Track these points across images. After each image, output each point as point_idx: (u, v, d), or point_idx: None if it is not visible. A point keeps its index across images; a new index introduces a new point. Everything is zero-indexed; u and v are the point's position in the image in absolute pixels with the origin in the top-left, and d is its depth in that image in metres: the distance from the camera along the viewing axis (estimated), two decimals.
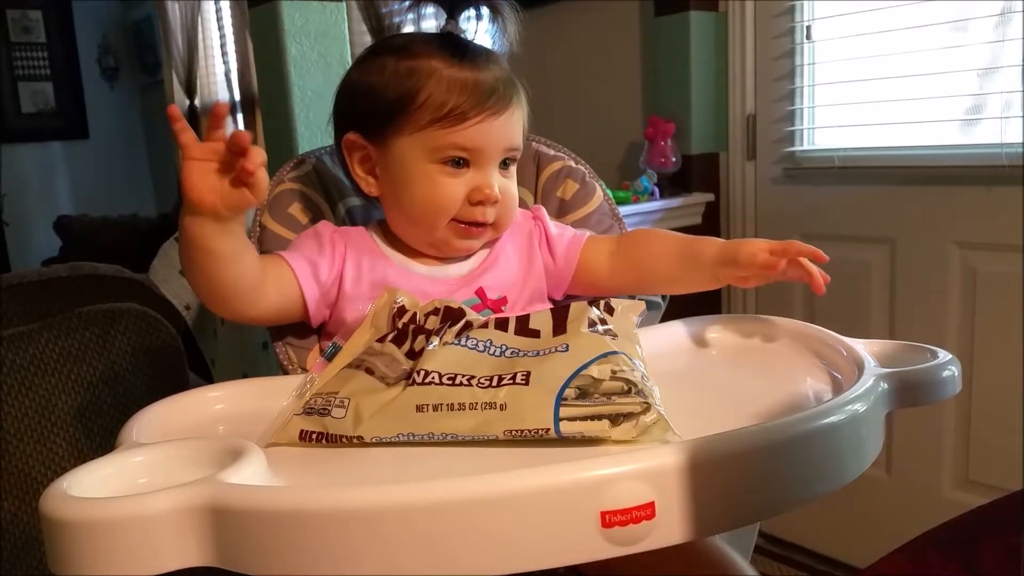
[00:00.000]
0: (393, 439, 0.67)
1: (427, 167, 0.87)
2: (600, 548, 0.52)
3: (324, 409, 0.70)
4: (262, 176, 0.73)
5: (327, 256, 0.90)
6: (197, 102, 4.33)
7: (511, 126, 0.90)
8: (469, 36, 0.93)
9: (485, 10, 0.93)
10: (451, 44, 0.90)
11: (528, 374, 0.67)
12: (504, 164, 0.91)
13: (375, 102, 0.89)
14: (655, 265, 0.94)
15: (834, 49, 1.95)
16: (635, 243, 0.98)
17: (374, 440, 0.67)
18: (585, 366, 0.66)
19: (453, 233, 0.90)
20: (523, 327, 0.75)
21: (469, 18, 0.94)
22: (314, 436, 0.69)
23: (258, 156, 0.71)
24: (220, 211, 0.74)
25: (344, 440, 0.68)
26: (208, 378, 1.45)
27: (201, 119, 4.33)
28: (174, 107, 0.74)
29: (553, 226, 1.00)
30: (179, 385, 1.30)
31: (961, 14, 1.69)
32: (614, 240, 1.00)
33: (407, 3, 0.96)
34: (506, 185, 0.91)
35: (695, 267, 0.89)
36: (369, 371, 0.73)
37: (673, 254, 0.92)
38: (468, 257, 0.95)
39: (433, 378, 0.68)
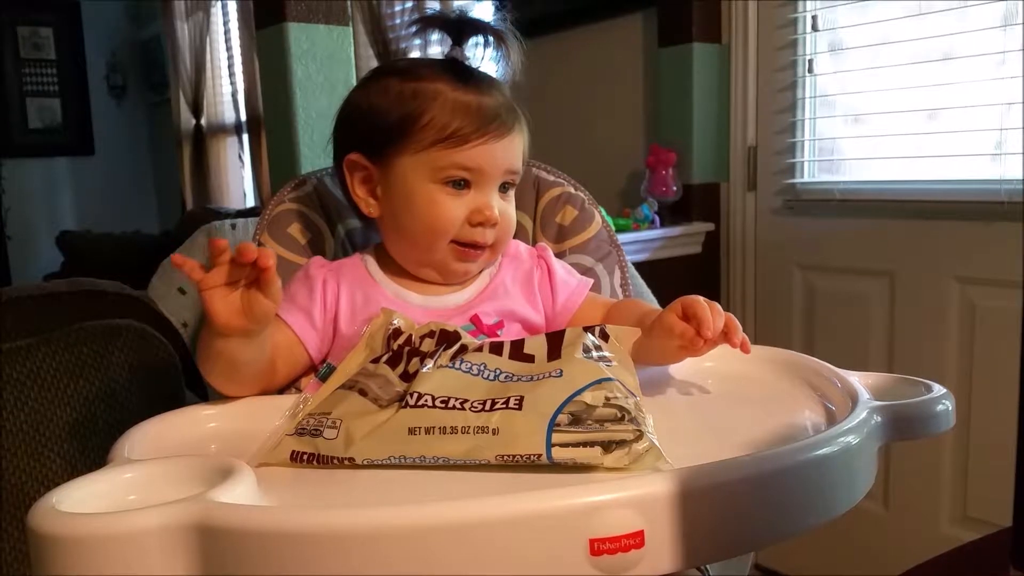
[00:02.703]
0: (384, 461, 0.66)
1: (428, 186, 0.88)
2: None
3: (316, 430, 0.70)
4: (274, 278, 0.73)
5: (319, 302, 0.91)
6: (203, 122, 4.36)
7: (512, 150, 0.91)
8: (474, 63, 0.94)
9: (490, 38, 0.94)
10: (456, 69, 0.91)
11: (521, 399, 0.67)
12: (504, 188, 0.92)
13: (379, 122, 0.89)
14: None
15: (836, 83, 1.96)
16: (617, 309, 0.96)
17: (365, 462, 0.67)
18: (579, 392, 0.66)
19: (452, 255, 0.90)
20: (517, 352, 0.75)
21: (477, 44, 0.94)
22: (305, 457, 0.69)
23: (271, 256, 0.72)
24: (250, 329, 0.76)
25: (335, 461, 0.67)
26: (204, 396, 1.45)
27: (207, 139, 4.36)
28: (222, 241, 0.73)
29: (560, 268, 1.00)
30: (175, 403, 1.29)
31: (965, 51, 1.71)
32: (608, 305, 0.98)
33: (414, 28, 0.97)
34: (505, 208, 0.92)
35: (645, 333, 0.83)
36: (362, 392, 0.72)
37: (634, 318, 0.88)
38: (465, 288, 0.95)
39: (426, 401, 0.68)
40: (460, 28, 0.94)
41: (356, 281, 0.93)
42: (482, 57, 0.95)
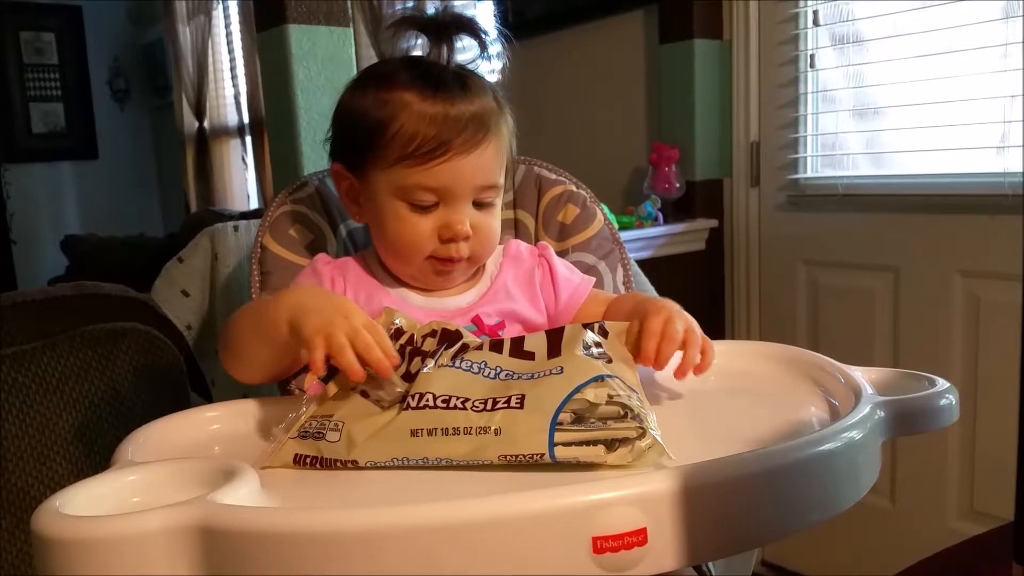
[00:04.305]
0: (387, 463, 0.66)
1: (396, 203, 0.87)
2: (592, 574, 0.52)
3: (319, 432, 0.70)
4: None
5: None
6: (206, 124, 4.37)
7: (483, 164, 0.87)
8: (463, 59, 0.91)
9: (470, 41, 0.91)
10: (428, 75, 0.87)
11: (523, 397, 0.67)
12: (478, 204, 0.89)
13: (354, 131, 0.89)
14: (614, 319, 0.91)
15: (838, 77, 1.96)
16: (615, 304, 0.95)
17: (368, 464, 0.67)
18: (579, 388, 0.66)
19: (429, 268, 0.90)
20: (517, 349, 0.75)
21: (457, 42, 0.90)
22: (308, 460, 0.68)
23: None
24: None
25: (338, 464, 0.67)
26: (208, 398, 1.45)
27: (210, 141, 4.37)
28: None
29: (562, 266, 0.99)
30: (180, 405, 1.29)
31: (967, 45, 1.70)
32: (609, 300, 0.98)
33: (391, 30, 0.94)
34: (480, 219, 0.89)
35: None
36: (364, 394, 0.72)
37: (625, 311, 0.87)
38: (466, 291, 0.95)
39: (427, 401, 0.68)
40: (436, 28, 0.90)
41: (359, 280, 0.93)
42: (448, 56, 0.90)
